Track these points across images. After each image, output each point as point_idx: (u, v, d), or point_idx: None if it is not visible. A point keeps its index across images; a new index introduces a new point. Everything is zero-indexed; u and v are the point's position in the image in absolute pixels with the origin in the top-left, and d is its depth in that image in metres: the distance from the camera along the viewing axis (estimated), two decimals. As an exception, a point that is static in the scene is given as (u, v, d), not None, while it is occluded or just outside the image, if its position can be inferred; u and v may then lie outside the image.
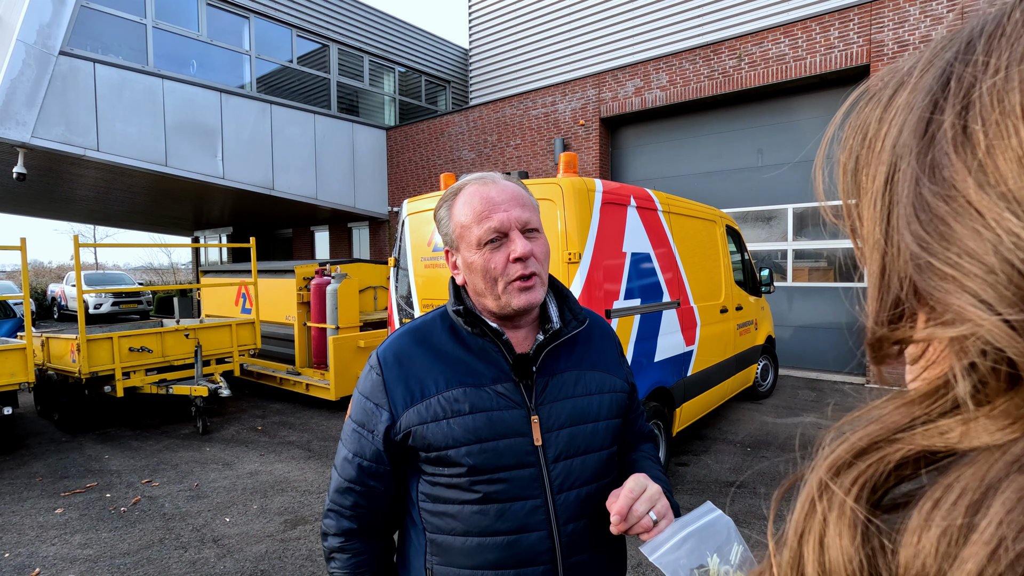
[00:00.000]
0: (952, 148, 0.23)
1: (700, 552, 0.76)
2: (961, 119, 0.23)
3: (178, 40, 10.65)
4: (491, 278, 1.05)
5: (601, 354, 1.19)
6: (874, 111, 0.28)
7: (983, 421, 0.22)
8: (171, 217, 17.60)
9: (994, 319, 0.21)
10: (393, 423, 1.06)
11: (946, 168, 0.23)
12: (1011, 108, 0.21)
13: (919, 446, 0.24)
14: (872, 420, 0.26)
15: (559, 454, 1.07)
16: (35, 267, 35.82)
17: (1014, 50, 0.22)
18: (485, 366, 1.08)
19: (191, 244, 17.36)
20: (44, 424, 6.63)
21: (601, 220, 3.73)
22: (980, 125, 0.22)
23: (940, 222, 0.23)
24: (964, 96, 0.23)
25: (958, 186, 0.22)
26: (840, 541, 0.24)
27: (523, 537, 1.04)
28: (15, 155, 8.73)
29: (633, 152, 10.29)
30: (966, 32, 0.25)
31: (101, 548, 3.61)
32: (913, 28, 7.10)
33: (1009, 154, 0.21)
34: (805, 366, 8.44)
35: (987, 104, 0.22)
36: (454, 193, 1.11)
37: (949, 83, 0.24)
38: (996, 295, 0.21)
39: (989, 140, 0.22)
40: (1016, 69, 0.21)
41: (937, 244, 0.23)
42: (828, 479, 0.26)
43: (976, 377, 0.22)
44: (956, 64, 0.24)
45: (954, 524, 0.20)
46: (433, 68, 15.72)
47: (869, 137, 0.28)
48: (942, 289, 0.23)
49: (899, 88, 0.27)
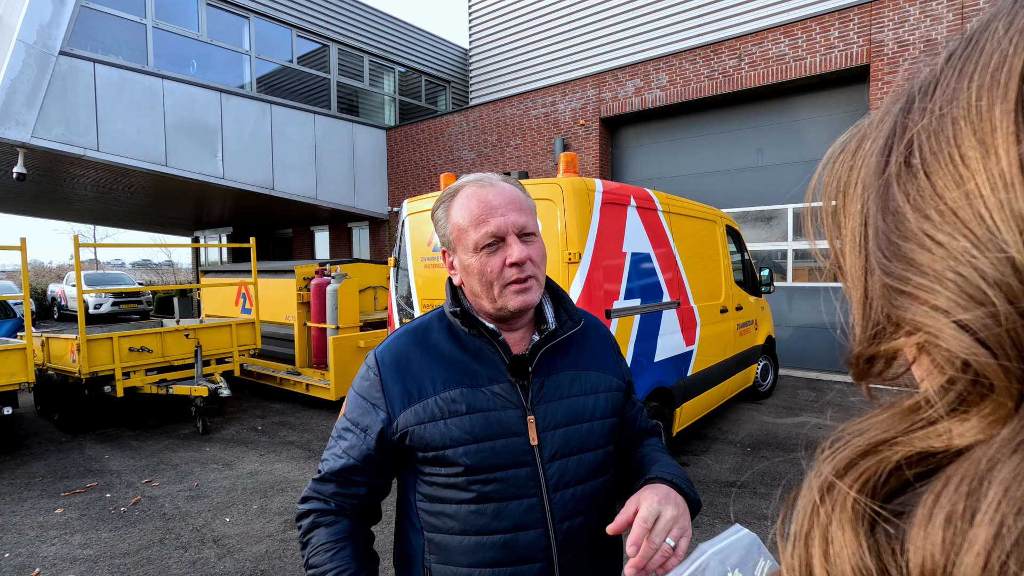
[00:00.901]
0: (896, 181, 0.27)
1: (721, 571, 0.76)
2: (903, 156, 0.27)
3: (178, 40, 10.65)
4: (487, 281, 1.05)
5: (596, 354, 1.19)
6: (846, 161, 0.32)
7: (973, 421, 0.24)
8: (171, 217, 17.60)
9: (945, 322, 0.23)
10: (389, 423, 1.07)
11: (894, 199, 0.27)
12: (945, 139, 0.25)
13: (917, 448, 0.25)
14: (871, 426, 0.28)
15: (555, 453, 1.07)
16: (35, 267, 35.81)
17: (944, 95, 0.25)
18: (482, 366, 1.08)
19: (191, 244, 17.37)
20: (44, 424, 6.63)
21: (601, 220, 3.73)
22: (919, 159, 0.26)
23: (895, 246, 0.26)
24: (907, 138, 0.27)
25: (903, 212, 0.26)
26: (845, 538, 0.25)
27: (520, 535, 1.04)
28: (15, 155, 8.73)
29: (633, 152, 10.28)
30: (908, 90, 0.29)
31: (101, 548, 3.61)
32: (913, 28, 7.10)
33: (946, 176, 0.24)
34: (805, 366, 8.44)
35: (924, 141, 0.26)
36: (451, 195, 1.11)
37: (895, 130, 0.28)
38: (946, 302, 0.23)
39: (927, 167, 0.25)
40: (947, 109, 0.25)
41: (894, 265, 0.26)
42: (832, 478, 0.27)
43: (959, 386, 0.24)
44: (900, 115, 0.28)
45: (956, 511, 0.21)
46: (433, 68, 15.72)
47: (843, 184, 0.32)
48: (902, 306, 0.26)
49: (863, 140, 0.31)
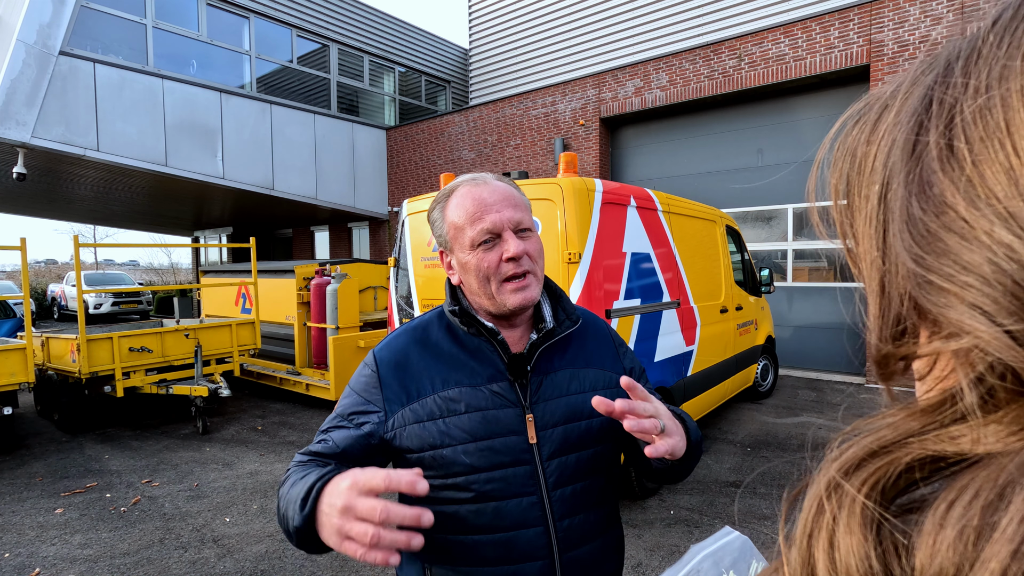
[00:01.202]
0: (939, 166, 0.24)
1: (715, 573, 0.76)
2: (945, 138, 0.24)
3: (178, 40, 10.64)
4: (484, 278, 1.06)
5: (596, 352, 1.19)
6: (862, 133, 0.29)
7: (993, 427, 0.22)
8: (171, 217, 17.60)
9: (994, 330, 0.21)
10: (385, 420, 1.07)
11: (935, 185, 0.24)
12: (995, 124, 0.22)
13: (930, 450, 0.24)
14: (883, 426, 0.27)
15: (554, 451, 1.08)
16: (35, 267, 35.81)
17: (992, 71, 0.23)
18: (481, 365, 1.09)
19: (191, 244, 17.36)
20: (44, 424, 6.63)
21: (601, 220, 3.73)
22: (964, 143, 0.23)
23: (933, 237, 0.24)
24: (947, 116, 0.24)
25: (948, 201, 0.23)
26: (851, 540, 0.24)
27: (520, 533, 1.05)
28: (15, 155, 8.73)
29: (633, 152, 10.28)
30: (944, 56, 0.26)
31: (101, 548, 3.61)
32: (913, 28, 7.10)
33: (996, 168, 0.22)
34: (805, 366, 8.43)
35: (970, 123, 0.23)
36: (446, 195, 1.12)
37: (931, 105, 0.25)
38: (995, 306, 0.21)
39: (975, 156, 0.23)
40: (996, 89, 0.23)
41: (933, 259, 0.24)
42: (839, 478, 0.26)
43: (984, 388, 0.22)
44: (936, 88, 0.25)
45: (971, 524, 0.20)
46: (433, 68, 15.71)
47: (859, 159, 0.29)
48: (941, 303, 0.24)
49: (884, 111, 0.28)
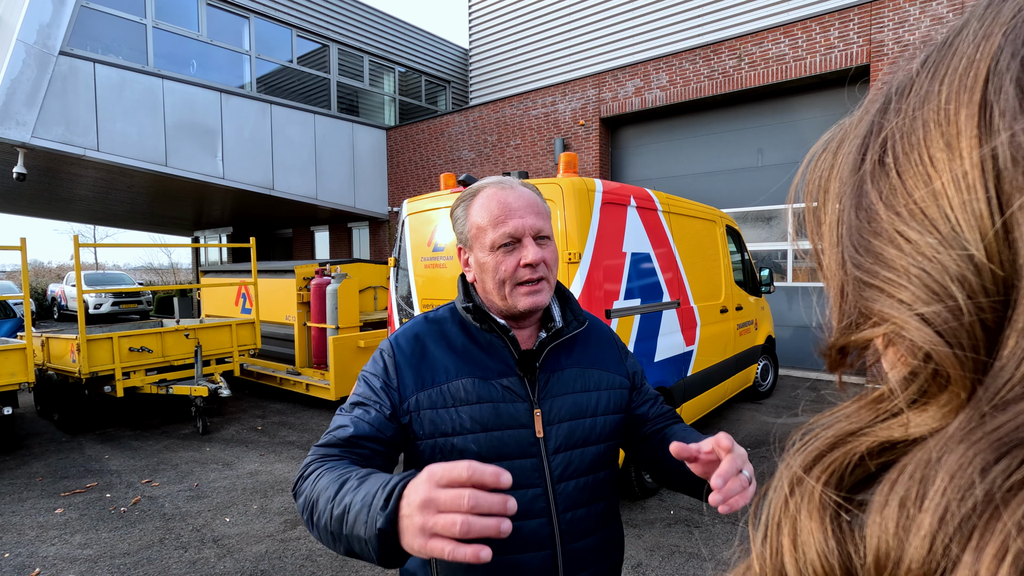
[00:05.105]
0: (870, 179, 0.28)
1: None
2: (877, 155, 0.28)
3: (178, 40, 10.64)
4: (500, 280, 1.10)
5: (600, 353, 1.24)
6: (826, 159, 0.33)
7: (931, 411, 0.25)
8: (171, 217, 17.60)
9: (907, 314, 0.25)
10: (401, 402, 1.10)
11: (867, 195, 0.28)
12: (917, 139, 0.26)
13: (881, 437, 0.27)
14: (840, 418, 0.29)
15: (559, 446, 1.12)
16: (35, 267, 35.81)
17: (918, 97, 0.27)
18: (492, 360, 1.13)
19: (191, 244, 17.36)
20: (44, 424, 6.63)
21: (601, 220, 3.73)
22: (891, 158, 0.27)
23: (864, 240, 0.28)
24: (882, 138, 0.28)
25: (874, 208, 0.27)
26: (812, 527, 0.26)
27: (524, 524, 1.08)
28: (15, 155, 8.73)
29: (633, 152, 10.28)
30: (886, 91, 0.30)
31: (101, 548, 3.61)
32: (913, 28, 7.10)
33: (915, 175, 0.25)
34: (805, 366, 8.43)
35: (897, 140, 0.27)
36: (472, 194, 1.16)
37: (872, 129, 0.29)
38: (910, 295, 0.25)
39: (899, 167, 0.26)
40: (919, 111, 0.26)
41: (863, 259, 0.28)
42: (801, 472, 0.28)
43: (920, 378, 0.25)
44: (877, 115, 0.29)
45: (909, 497, 0.23)
46: (433, 68, 15.71)
47: (823, 182, 0.33)
48: (871, 297, 0.27)
49: (843, 140, 0.32)
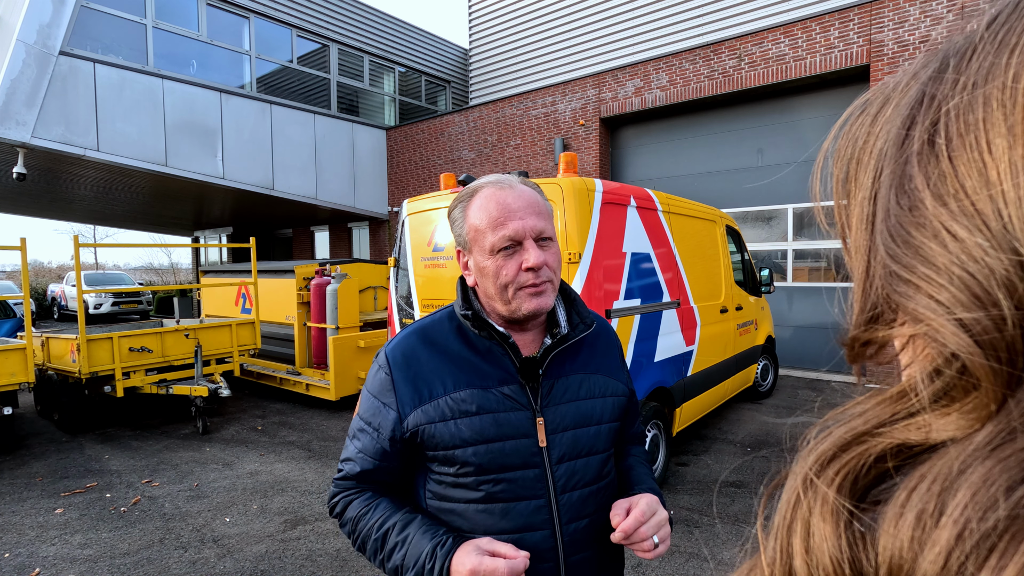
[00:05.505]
0: (916, 161, 0.25)
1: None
2: (927, 133, 0.25)
3: (178, 40, 10.64)
4: (502, 285, 1.05)
5: (605, 358, 1.20)
6: (863, 124, 0.29)
7: (954, 416, 0.23)
8: (171, 217, 17.60)
9: (945, 318, 0.23)
10: (400, 422, 1.08)
11: (912, 179, 0.25)
12: (975, 121, 0.23)
13: (897, 439, 0.25)
14: (855, 415, 0.27)
15: (563, 455, 1.08)
16: (35, 267, 35.79)
17: (980, 69, 0.23)
18: (492, 368, 1.09)
19: (191, 244, 17.36)
20: (44, 424, 6.62)
21: (601, 220, 3.73)
22: (944, 138, 0.24)
23: (904, 231, 0.25)
24: (934, 112, 0.25)
25: (919, 196, 0.24)
26: (825, 530, 0.25)
27: (527, 536, 1.05)
28: (15, 155, 8.73)
29: (633, 152, 10.28)
30: (942, 53, 0.26)
31: (101, 548, 3.61)
32: (913, 28, 7.10)
33: (969, 164, 0.23)
34: (805, 366, 8.43)
35: (952, 119, 0.24)
36: (470, 195, 1.10)
37: (923, 100, 0.26)
38: (950, 297, 0.22)
39: (951, 151, 0.23)
40: (980, 87, 0.23)
41: (901, 251, 0.25)
42: (813, 473, 0.27)
43: (945, 378, 0.24)
44: (930, 83, 0.26)
45: (927, 510, 0.21)
46: (433, 68, 15.71)
47: (858, 149, 0.29)
48: (904, 294, 0.25)
49: (885, 103, 0.29)
